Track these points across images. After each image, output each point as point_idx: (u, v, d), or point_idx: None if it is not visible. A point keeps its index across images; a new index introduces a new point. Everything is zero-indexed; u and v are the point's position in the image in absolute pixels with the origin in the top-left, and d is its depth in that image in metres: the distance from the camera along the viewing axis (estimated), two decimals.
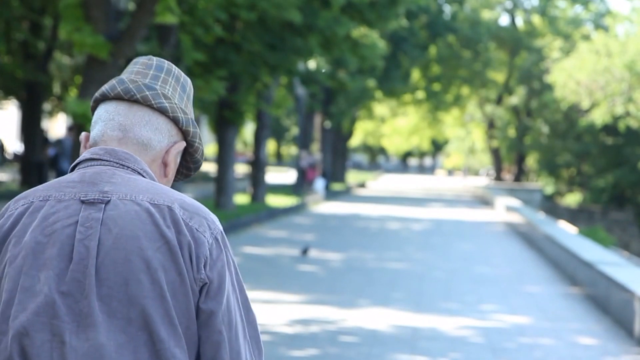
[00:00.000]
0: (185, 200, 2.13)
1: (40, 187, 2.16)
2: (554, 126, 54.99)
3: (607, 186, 50.71)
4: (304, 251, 16.79)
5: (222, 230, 2.16)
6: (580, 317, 11.65)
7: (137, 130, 2.19)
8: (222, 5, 20.59)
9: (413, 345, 9.41)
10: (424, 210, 33.34)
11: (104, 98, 2.23)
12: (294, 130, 75.60)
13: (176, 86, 2.25)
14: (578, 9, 58.95)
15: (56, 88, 33.92)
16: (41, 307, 2.03)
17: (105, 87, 2.24)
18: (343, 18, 23.35)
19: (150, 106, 2.20)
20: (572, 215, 47.70)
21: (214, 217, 2.16)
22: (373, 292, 12.87)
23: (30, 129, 29.98)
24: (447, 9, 49.00)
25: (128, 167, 2.17)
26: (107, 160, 2.17)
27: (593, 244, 17.21)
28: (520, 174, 60.71)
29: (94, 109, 2.26)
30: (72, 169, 2.20)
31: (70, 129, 20.78)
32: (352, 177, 65.83)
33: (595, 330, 10.76)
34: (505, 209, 30.15)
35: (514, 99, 58.26)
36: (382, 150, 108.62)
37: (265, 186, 31.40)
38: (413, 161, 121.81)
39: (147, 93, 2.20)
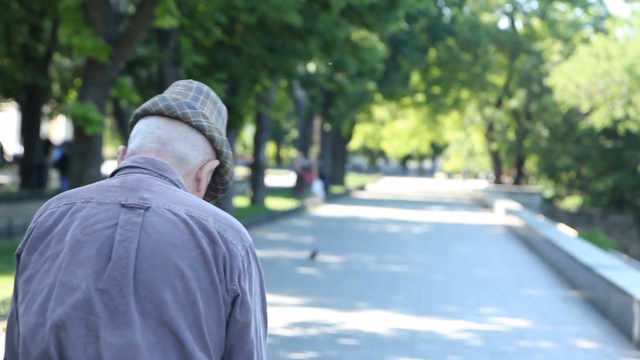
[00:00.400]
0: (220, 214, 2.25)
1: (82, 188, 2.28)
2: (553, 129, 55.02)
3: (607, 189, 50.73)
4: (313, 255, 16.62)
5: (252, 242, 2.28)
6: (580, 321, 11.64)
7: (175, 145, 2.32)
8: (222, 8, 20.60)
9: (412, 348, 9.41)
10: (423, 213, 33.34)
11: (145, 113, 2.36)
12: (294, 133, 75.62)
13: (213, 109, 2.39)
14: (578, 12, 58.99)
15: (56, 90, 33.93)
16: (79, 302, 2.13)
17: (147, 104, 2.36)
18: (343, 21, 23.37)
19: (189, 123, 2.33)
20: (571, 219, 47.71)
21: (245, 231, 2.27)
22: (372, 295, 12.87)
23: (30, 131, 29.99)
24: (447, 12, 49.03)
25: (166, 177, 2.29)
26: (146, 169, 2.29)
27: (592, 248, 17.21)
28: (520, 177, 60.72)
29: (133, 124, 2.38)
30: (112, 175, 2.32)
31: None
32: (352, 180, 65.84)
33: (594, 334, 10.76)
34: (505, 212, 30.15)
35: (514, 102, 58.28)
36: (382, 153, 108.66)
37: (265, 189, 31.41)
38: (412, 164, 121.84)
39: (188, 111, 2.33)
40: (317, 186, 37.64)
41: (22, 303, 2.20)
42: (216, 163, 2.37)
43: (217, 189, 2.44)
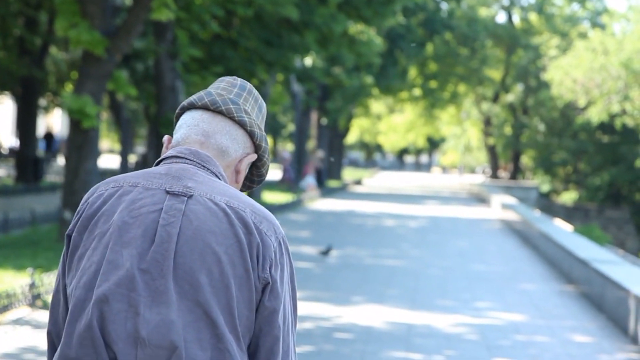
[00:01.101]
0: (256, 206, 2.42)
1: (130, 174, 2.44)
2: (550, 124, 55.02)
3: (603, 184, 50.75)
4: (327, 251, 16.21)
5: (284, 235, 2.44)
6: (575, 315, 11.65)
7: (218, 137, 2.48)
8: (219, 2, 20.57)
9: (408, 342, 9.41)
10: (420, 208, 33.35)
11: (191, 107, 2.52)
12: (291, 127, 75.61)
13: (254, 105, 2.55)
14: (575, 6, 58.97)
15: (52, 83, 33.88)
16: (122, 280, 2.29)
17: (193, 97, 2.52)
18: (340, 15, 23.34)
19: (232, 118, 2.50)
20: (567, 213, 47.74)
21: (278, 223, 2.44)
22: (368, 289, 12.87)
23: (26, 124, 29.94)
24: (444, 7, 48.99)
25: (208, 168, 2.45)
26: (190, 160, 2.45)
27: (588, 242, 17.22)
28: (517, 172, 60.74)
29: (179, 115, 2.56)
30: (157, 164, 2.49)
31: None
32: (348, 174, 65.83)
33: (590, 328, 10.77)
34: (501, 207, 30.16)
35: (511, 97, 58.27)
36: (379, 148, 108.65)
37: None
38: (409, 158, 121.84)
39: (231, 106, 2.50)
40: (307, 181, 37.48)
41: (73, 279, 2.36)
42: (255, 157, 2.54)
43: (253, 180, 2.62)
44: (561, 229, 20.04)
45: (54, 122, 62.51)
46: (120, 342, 2.27)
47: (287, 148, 43.20)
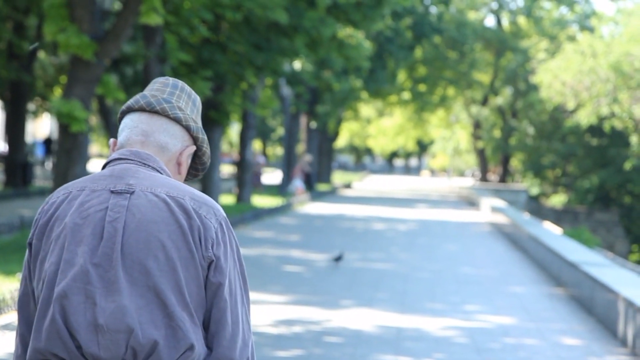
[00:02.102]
0: (195, 193, 2.65)
1: (78, 180, 2.68)
2: (539, 127, 55.10)
3: (592, 187, 50.85)
4: (338, 258, 15.80)
5: (225, 216, 2.67)
6: (565, 318, 11.67)
7: (156, 136, 2.71)
8: (208, 6, 20.56)
9: (397, 346, 9.42)
10: (409, 211, 33.37)
11: (130, 110, 2.75)
12: (280, 131, 75.59)
13: (188, 101, 2.77)
14: (563, 10, 59.09)
15: (40, 88, 33.81)
16: (78, 275, 2.53)
17: (130, 101, 2.75)
18: (329, 18, 23.34)
19: (167, 116, 2.72)
20: (557, 216, 47.81)
21: (218, 207, 2.66)
22: (357, 293, 12.87)
23: (15, 128, 29.87)
24: (433, 10, 49.05)
25: (149, 165, 2.68)
26: (132, 160, 2.68)
27: (578, 245, 17.25)
28: (506, 175, 60.82)
29: (120, 119, 2.77)
30: (104, 167, 2.70)
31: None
32: (338, 177, 65.83)
33: (579, 331, 10.79)
34: (491, 210, 30.21)
35: (500, 100, 58.36)
36: (368, 151, 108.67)
37: (251, 186, 31.37)
38: (399, 162, 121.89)
39: (165, 105, 2.72)
40: (296, 184, 37.36)
41: (37, 282, 2.61)
42: (193, 148, 2.76)
43: (197, 169, 2.83)
44: (550, 232, 20.07)
45: (43, 126, 62.40)
46: (82, 331, 2.51)
47: (258, 152, 43.40)
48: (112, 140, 2.75)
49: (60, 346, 2.53)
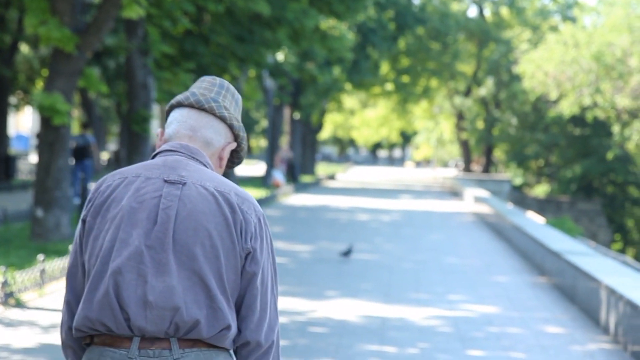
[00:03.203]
0: (239, 189, 2.93)
1: (132, 167, 2.94)
2: (522, 117, 55.23)
3: (575, 177, 51.02)
4: (348, 252, 15.58)
5: (263, 213, 2.94)
6: (548, 307, 11.73)
7: (203, 131, 2.99)
8: None
9: (382, 336, 9.45)
10: (393, 202, 33.42)
11: (179, 105, 3.03)
12: (264, 123, 75.52)
13: (232, 101, 3.05)
14: (546, 0, 59.22)
15: (22, 81, 33.65)
16: (132, 255, 2.80)
17: (180, 97, 3.01)
18: (311, 10, 23.32)
19: (214, 114, 3.00)
20: (540, 206, 47.97)
21: (257, 204, 2.93)
22: (342, 283, 12.89)
23: None
24: (416, 1, 49.06)
25: (197, 159, 2.95)
26: (182, 153, 2.95)
27: (561, 234, 17.32)
28: (489, 165, 60.96)
29: (168, 112, 3.05)
30: (154, 157, 2.96)
31: (84, 125, 20.83)
32: (322, 169, 65.84)
33: (562, 319, 10.84)
34: (474, 200, 30.28)
35: (483, 91, 58.47)
36: (352, 142, 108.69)
37: (235, 179, 31.35)
38: (382, 153, 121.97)
39: (213, 104, 2.99)
40: (274, 175, 37.23)
41: (90, 256, 2.86)
42: (234, 145, 3.05)
43: (233, 162, 3.12)
44: (533, 222, 20.15)
45: (25, 120, 62.16)
46: (132, 306, 2.78)
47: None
48: (159, 130, 3.04)
49: (110, 317, 2.79)
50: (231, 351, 2.91)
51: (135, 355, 2.79)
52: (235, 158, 3.10)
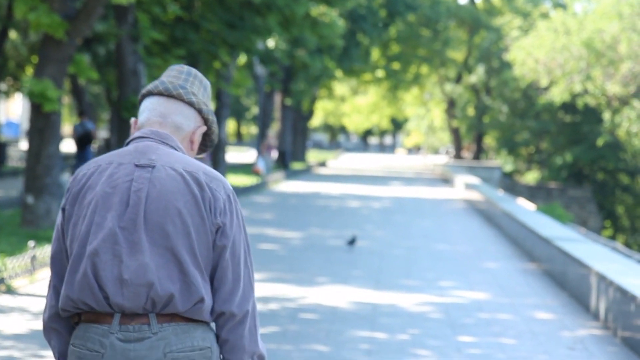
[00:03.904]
0: (207, 169, 3.09)
1: (106, 155, 3.12)
2: (512, 105, 55.26)
3: (566, 164, 51.11)
4: (352, 241, 15.41)
5: (232, 190, 3.12)
6: (538, 293, 11.76)
7: (173, 117, 3.16)
8: None
9: (373, 322, 9.46)
10: (384, 189, 33.45)
11: (149, 94, 3.19)
12: (254, 110, 75.42)
13: (200, 87, 3.21)
14: None
15: (12, 68, 33.53)
16: (107, 236, 2.98)
17: (150, 86, 3.18)
18: None
19: (182, 100, 3.17)
20: (531, 193, 48.05)
21: (226, 181, 3.11)
22: (333, 270, 12.91)
23: None
24: None
25: (167, 143, 3.12)
26: (152, 138, 3.12)
27: (551, 221, 17.36)
28: (480, 152, 61.01)
29: (140, 101, 3.21)
30: (127, 144, 3.14)
31: (82, 113, 20.91)
32: (313, 156, 65.82)
33: (552, 305, 10.88)
34: (465, 187, 30.32)
35: (473, 78, 58.45)
36: (343, 129, 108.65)
37: (226, 166, 31.32)
38: (373, 140, 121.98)
39: (181, 91, 3.16)
40: (258, 163, 37.08)
41: (71, 241, 3.05)
42: (204, 128, 3.21)
43: (206, 145, 3.27)
44: (524, 208, 20.18)
45: (15, 106, 61.98)
46: (110, 284, 2.96)
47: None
48: (133, 119, 3.20)
49: (90, 296, 2.98)
50: (212, 324, 3.06)
51: (116, 330, 2.97)
52: (207, 141, 3.26)
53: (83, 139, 19.60)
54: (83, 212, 3.04)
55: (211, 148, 3.28)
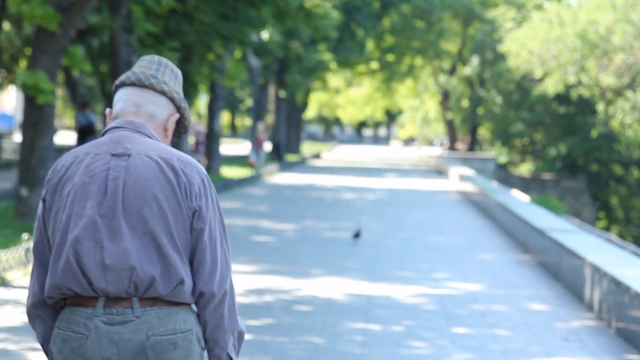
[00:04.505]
0: (181, 155, 3.21)
1: (83, 146, 3.22)
2: (507, 96, 55.27)
3: (560, 155, 51.15)
4: (356, 234, 15.23)
5: (207, 174, 3.22)
6: (532, 284, 11.78)
7: (146, 106, 3.27)
8: None
9: (368, 314, 9.47)
10: (378, 181, 33.46)
11: (122, 84, 3.30)
12: (249, 102, 75.35)
13: (171, 75, 3.32)
14: None
15: (5, 60, 33.44)
16: (88, 224, 3.10)
17: (123, 77, 3.29)
18: None
19: (155, 89, 3.27)
20: (525, 184, 48.10)
21: (200, 166, 3.22)
22: (327, 262, 12.91)
23: None
24: None
25: (141, 132, 3.22)
26: (127, 128, 3.22)
27: (545, 212, 17.38)
28: (474, 144, 61.04)
29: (114, 92, 3.32)
30: (103, 134, 3.24)
31: (84, 105, 20.99)
32: (307, 148, 65.82)
33: (546, 297, 10.90)
34: (459, 179, 30.35)
35: (468, 70, 58.44)
36: (337, 121, 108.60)
37: (220, 157, 31.31)
38: (367, 132, 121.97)
39: (153, 80, 3.26)
40: (251, 155, 36.94)
41: (53, 231, 3.16)
42: (177, 116, 3.32)
43: (180, 131, 3.37)
44: (518, 200, 20.21)
45: (8, 98, 61.85)
46: (93, 270, 3.08)
47: (201, 123, 43.72)
48: (108, 110, 3.29)
49: (74, 282, 3.10)
50: (193, 305, 3.18)
51: (101, 313, 3.09)
52: (180, 127, 3.36)
53: (85, 130, 19.76)
54: (63, 202, 3.14)
55: (185, 134, 3.39)
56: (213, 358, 3.23)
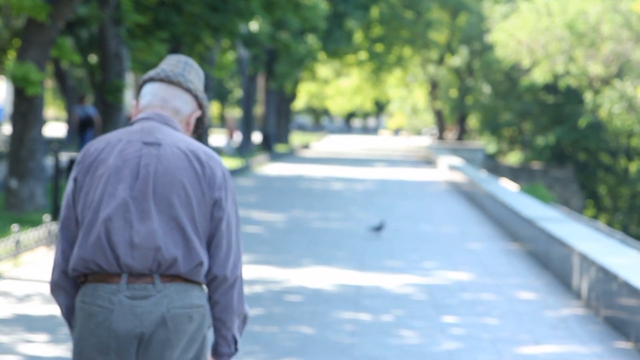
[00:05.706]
0: (206, 149, 3.50)
1: (114, 132, 3.51)
2: (495, 86, 55.33)
3: (548, 144, 51.26)
4: (379, 227, 14.74)
5: (227, 168, 3.52)
6: (521, 273, 11.85)
7: (173, 102, 3.56)
8: None
9: (357, 303, 9.53)
10: (367, 171, 33.50)
11: (151, 80, 3.58)
12: (238, 93, 75.27)
13: (196, 75, 3.61)
14: None
15: None
16: (120, 205, 3.37)
17: (152, 73, 3.57)
18: None
19: (182, 87, 3.56)
20: (513, 174, 48.20)
21: (221, 160, 3.52)
22: (317, 252, 12.96)
23: None
24: None
25: (169, 125, 3.52)
26: (156, 120, 3.52)
27: (534, 201, 17.45)
28: (463, 134, 61.12)
29: (141, 86, 3.60)
30: (132, 124, 3.53)
31: (83, 98, 21.07)
32: (296, 138, 65.81)
33: (535, 285, 10.96)
34: (448, 168, 30.42)
35: (456, 60, 58.46)
36: (326, 112, 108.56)
37: (209, 148, 31.31)
38: (357, 122, 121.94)
39: (181, 79, 3.56)
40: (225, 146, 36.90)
41: (82, 209, 3.41)
42: (199, 112, 3.62)
43: (198, 127, 3.66)
44: (507, 189, 20.28)
45: None
46: (122, 247, 3.34)
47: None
48: (134, 101, 3.59)
49: (102, 257, 3.35)
50: (203, 286, 3.46)
51: (124, 289, 3.35)
52: (199, 124, 3.65)
53: (84, 123, 19.90)
54: (95, 182, 3.41)
55: (202, 129, 3.68)
56: (219, 337, 3.48)
